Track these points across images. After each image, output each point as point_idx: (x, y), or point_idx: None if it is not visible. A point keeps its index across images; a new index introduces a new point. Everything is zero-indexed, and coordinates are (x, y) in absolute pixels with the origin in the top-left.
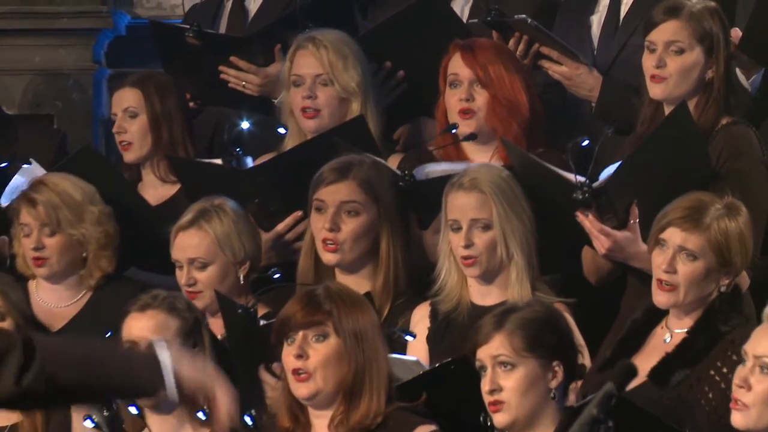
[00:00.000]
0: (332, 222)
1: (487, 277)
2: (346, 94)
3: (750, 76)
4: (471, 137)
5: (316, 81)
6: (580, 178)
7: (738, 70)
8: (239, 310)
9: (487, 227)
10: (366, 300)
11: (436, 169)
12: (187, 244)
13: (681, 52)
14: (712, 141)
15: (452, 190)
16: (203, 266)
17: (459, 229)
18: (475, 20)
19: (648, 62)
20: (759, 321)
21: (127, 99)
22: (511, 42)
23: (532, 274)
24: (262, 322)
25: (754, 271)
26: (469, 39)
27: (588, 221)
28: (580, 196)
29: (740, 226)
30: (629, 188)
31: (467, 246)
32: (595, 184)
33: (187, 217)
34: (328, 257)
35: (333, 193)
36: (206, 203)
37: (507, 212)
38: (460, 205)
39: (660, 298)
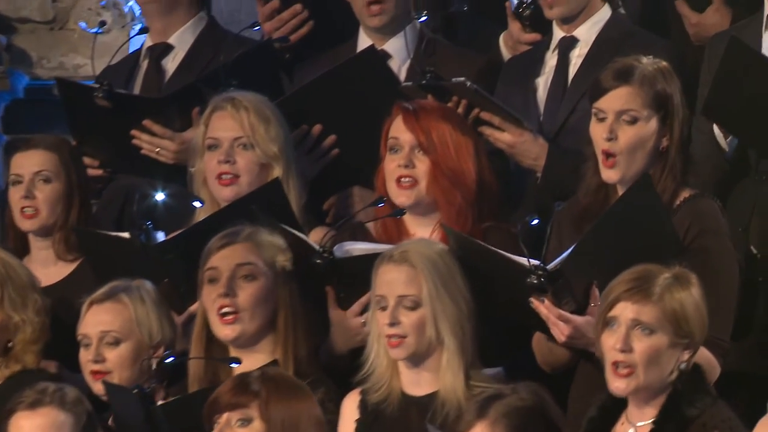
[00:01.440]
0: (227, 287)
1: (415, 361)
2: (267, 159)
3: (728, 136)
4: (399, 212)
5: (234, 144)
6: (534, 261)
7: (716, 129)
8: (134, 391)
9: (415, 305)
10: (308, 390)
11: (358, 247)
12: (101, 318)
13: (634, 121)
14: (674, 216)
15: (382, 264)
16: (115, 342)
17: (386, 306)
18: (410, 83)
19: (597, 133)
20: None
21: (39, 162)
22: (452, 102)
23: (465, 361)
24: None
25: (724, 357)
26: (414, 100)
27: (544, 307)
28: (535, 281)
29: (694, 296)
30: (588, 269)
31: (392, 324)
32: (550, 266)
33: (103, 290)
34: (226, 332)
35: (226, 258)
36: (124, 281)
37: (439, 290)
38: (388, 279)
39: (617, 384)
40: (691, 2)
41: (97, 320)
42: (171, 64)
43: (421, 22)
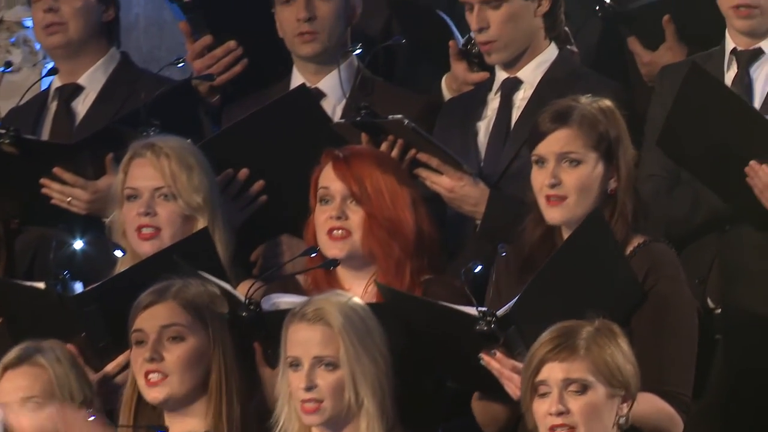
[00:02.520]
0: (153, 351)
1: (332, 426)
2: (191, 210)
3: None
4: (332, 263)
5: (155, 195)
6: (482, 309)
7: None
8: None
9: (333, 366)
10: None
11: (286, 300)
12: (19, 384)
13: (577, 163)
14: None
15: (293, 322)
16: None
17: (299, 367)
18: (342, 120)
19: (539, 180)
20: None
21: None
22: (383, 146)
23: (386, 424)
24: None
25: (687, 414)
26: (345, 147)
27: (496, 361)
28: (485, 328)
29: (621, 345)
30: (540, 314)
31: (309, 388)
32: (500, 313)
33: (15, 354)
34: (154, 394)
35: (151, 319)
36: (34, 342)
37: (357, 350)
38: (301, 339)
39: None
40: (644, 39)
41: (15, 386)
42: (81, 106)
43: (356, 54)
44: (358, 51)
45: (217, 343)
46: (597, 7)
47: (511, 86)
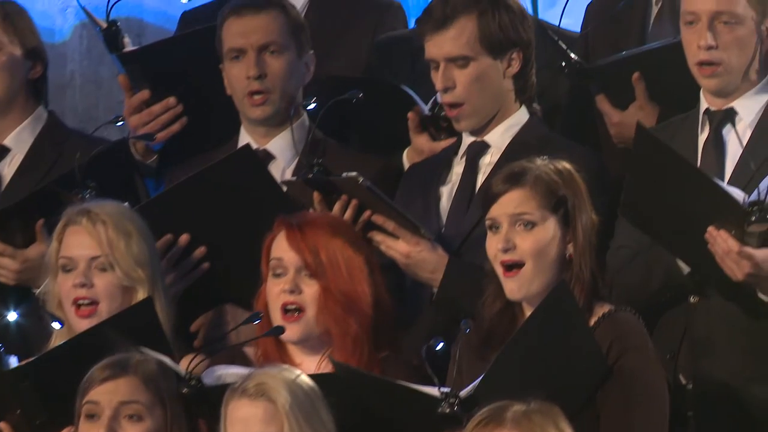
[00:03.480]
0: (108, 428)
1: None
2: (130, 281)
3: None
4: (278, 330)
5: (91, 265)
6: (444, 389)
7: None
8: None
9: None
10: None
11: (231, 372)
12: None
13: (531, 226)
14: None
15: (233, 397)
16: None
17: None
18: (293, 178)
19: (493, 246)
20: None
21: None
22: (336, 207)
23: None
24: None
25: None
26: (298, 214)
27: None
28: (447, 410)
29: (558, 424)
30: (504, 393)
31: None
32: (463, 393)
33: None
34: None
35: (109, 393)
36: None
37: (303, 429)
38: (242, 417)
39: None
40: (613, 98)
41: None
42: (8, 168)
43: (309, 110)
44: (312, 105)
45: (174, 424)
46: (563, 64)
47: (478, 150)
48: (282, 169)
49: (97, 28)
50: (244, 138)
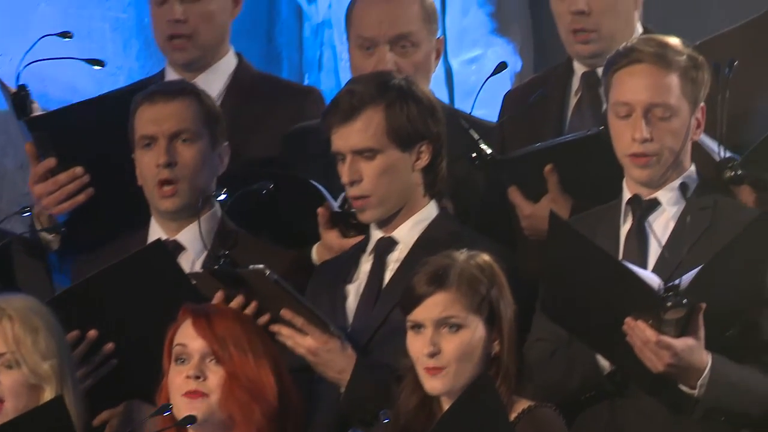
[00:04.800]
0: None
1: None
2: (37, 379)
3: None
4: (189, 420)
5: None
6: None
7: None
8: None
9: None
10: None
11: None
12: None
13: (457, 328)
14: None
15: None
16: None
17: None
18: (199, 270)
19: (416, 347)
20: None
21: None
22: (234, 302)
23: None
24: None
25: None
26: (204, 304)
27: None
28: None
29: None
30: None
31: None
32: None
33: None
34: None
35: None
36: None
37: None
38: None
39: None
40: (526, 190)
41: None
42: None
43: (220, 201)
44: (222, 197)
45: None
46: (473, 155)
47: (385, 246)
48: (192, 260)
49: (1, 95)
50: (154, 228)
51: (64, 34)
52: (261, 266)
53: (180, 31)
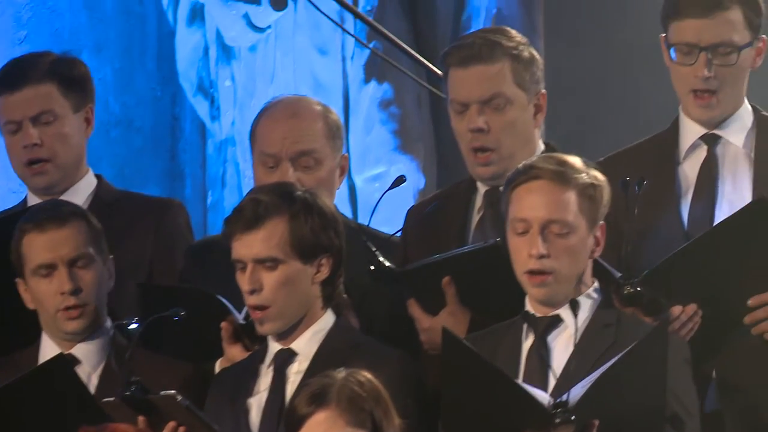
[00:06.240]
0: None
1: None
2: None
3: None
4: None
5: None
6: None
7: None
8: None
9: None
10: None
11: None
12: None
13: None
14: None
15: None
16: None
17: None
18: (112, 399)
19: None
20: None
21: None
22: (140, 423)
23: None
24: None
25: None
26: (103, 425)
27: None
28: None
29: None
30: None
31: None
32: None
33: None
34: None
35: None
36: None
37: None
38: None
39: None
40: (425, 303)
41: None
42: None
43: (133, 331)
44: (134, 326)
45: None
46: (372, 267)
47: (285, 359)
48: (88, 374)
49: None
50: (47, 343)
51: None
52: (172, 392)
53: (38, 155)
